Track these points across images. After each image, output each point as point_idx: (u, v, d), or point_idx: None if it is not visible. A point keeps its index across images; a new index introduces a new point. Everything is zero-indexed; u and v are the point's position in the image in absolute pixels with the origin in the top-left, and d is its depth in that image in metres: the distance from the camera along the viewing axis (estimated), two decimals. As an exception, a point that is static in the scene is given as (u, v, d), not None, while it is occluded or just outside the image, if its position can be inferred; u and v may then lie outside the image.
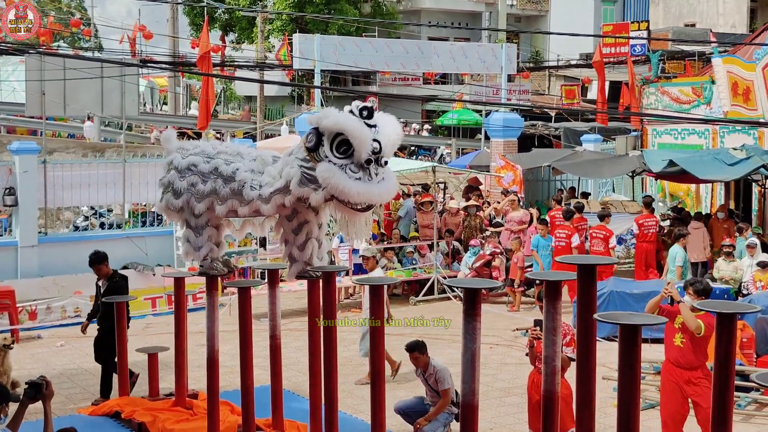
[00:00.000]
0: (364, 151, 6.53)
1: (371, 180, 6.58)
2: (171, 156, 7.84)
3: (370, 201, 6.68)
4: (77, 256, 17.82)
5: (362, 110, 6.67)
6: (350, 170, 6.55)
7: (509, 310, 16.82)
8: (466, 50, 27.07)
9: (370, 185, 6.57)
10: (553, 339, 5.71)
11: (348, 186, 6.51)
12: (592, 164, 21.01)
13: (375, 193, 6.64)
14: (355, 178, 6.54)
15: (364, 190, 6.55)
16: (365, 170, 6.57)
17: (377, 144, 6.59)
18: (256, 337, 8.90)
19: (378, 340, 7.03)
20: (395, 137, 6.81)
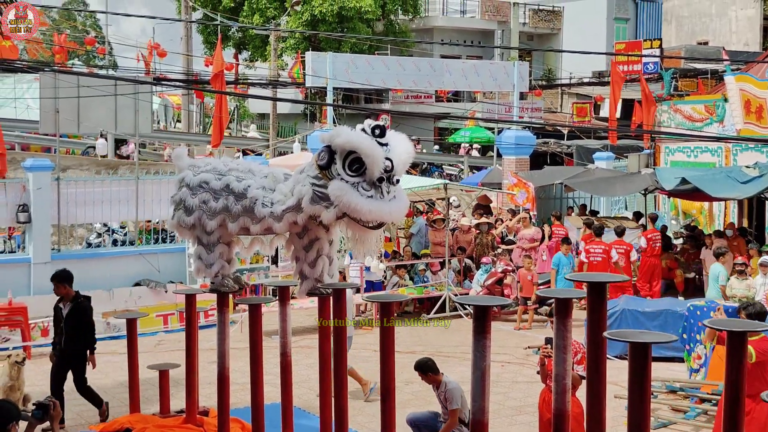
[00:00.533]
0: (377, 170, 6.56)
1: (383, 198, 6.62)
2: (182, 173, 7.87)
3: (382, 219, 6.71)
4: (90, 272, 17.92)
5: (374, 129, 6.69)
6: (362, 188, 6.58)
7: (515, 329, 16.75)
8: (479, 68, 27.13)
9: (381, 203, 6.60)
10: (563, 357, 5.67)
11: (360, 204, 6.54)
12: (604, 182, 20.98)
13: (386, 211, 6.67)
14: (367, 196, 6.58)
15: (375, 208, 6.58)
16: (377, 188, 6.61)
17: (389, 162, 6.62)
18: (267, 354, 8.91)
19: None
20: (407, 156, 6.84)
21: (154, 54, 37.08)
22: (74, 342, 10.86)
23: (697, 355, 12.64)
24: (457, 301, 9.34)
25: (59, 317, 11.01)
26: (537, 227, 19.99)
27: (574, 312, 5.80)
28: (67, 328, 10.83)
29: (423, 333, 16.63)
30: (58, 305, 11.10)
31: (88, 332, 10.99)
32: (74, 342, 10.86)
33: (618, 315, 14.01)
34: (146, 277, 18.22)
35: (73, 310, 10.91)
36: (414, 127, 38.69)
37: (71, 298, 10.95)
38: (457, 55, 43.14)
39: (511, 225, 20.80)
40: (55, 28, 48.60)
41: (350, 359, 11.52)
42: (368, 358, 13.92)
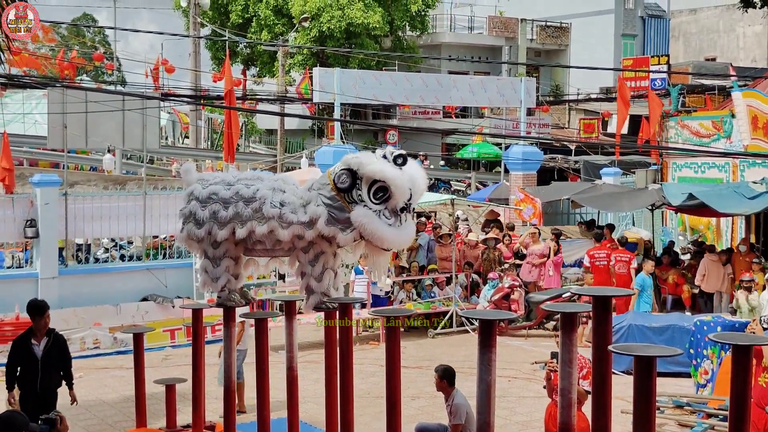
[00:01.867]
0: (402, 201, 6.88)
1: (400, 226, 6.93)
2: (191, 187, 7.91)
3: (400, 246, 7.16)
4: (97, 288, 17.96)
5: (396, 158, 6.96)
6: (384, 216, 6.87)
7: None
8: (486, 84, 27.19)
9: (399, 231, 7.02)
10: (569, 371, 5.68)
11: (384, 232, 6.92)
12: (611, 197, 20.97)
13: (404, 239, 7.22)
14: (388, 224, 6.87)
15: (396, 237, 6.98)
16: (397, 216, 6.89)
17: (409, 193, 6.90)
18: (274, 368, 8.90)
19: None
20: (423, 187, 7.18)
21: (162, 70, 37.23)
22: (54, 382, 9.69)
23: (704, 370, 12.61)
24: (463, 315, 9.37)
25: (31, 356, 9.54)
26: (546, 242, 20.01)
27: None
28: (46, 367, 9.57)
29: (430, 348, 16.61)
30: (27, 342, 9.57)
31: (70, 367, 9.91)
32: (54, 382, 9.69)
33: (625, 330, 14.00)
34: (153, 292, 18.24)
35: (54, 344, 9.67)
36: (421, 142, 38.82)
37: (46, 332, 9.67)
38: (465, 71, 43.24)
39: (521, 241, 20.81)
40: (64, 44, 48.85)
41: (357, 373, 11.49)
42: (375, 372, 13.93)
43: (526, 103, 27.18)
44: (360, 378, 13.74)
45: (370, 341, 17.17)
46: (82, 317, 16.63)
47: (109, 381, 14.67)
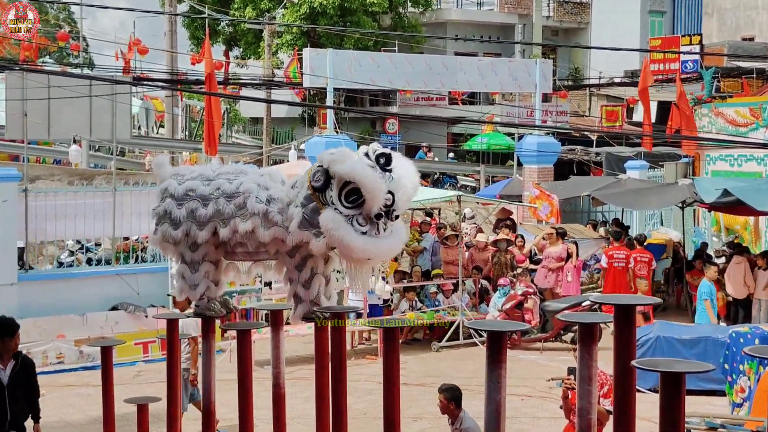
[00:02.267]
0: (376, 206, 6.62)
1: (378, 234, 6.67)
2: (165, 183, 7.87)
3: (375, 257, 6.78)
4: (61, 295, 17.95)
5: (379, 157, 6.75)
6: (357, 222, 6.65)
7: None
8: (497, 66, 27.20)
9: (375, 241, 6.65)
10: (588, 389, 5.67)
11: (352, 241, 6.59)
12: (636, 194, 21.01)
13: (382, 250, 6.75)
14: (361, 231, 6.62)
15: (369, 246, 6.63)
16: (373, 224, 6.66)
17: (390, 196, 6.66)
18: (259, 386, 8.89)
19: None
20: (411, 191, 6.90)
21: (135, 51, 37.21)
22: (23, 413, 9.27)
23: (740, 388, 12.61)
24: (470, 326, 9.38)
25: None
26: (565, 244, 20.06)
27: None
28: (14, 395, 9.13)
29: (433, 363, 16.63)
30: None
31: (37, 396, 9.54)
32: (23, 413, 9.27)
33: (652, 343, 14.03)
34: (124, 301, 18.24)
35: (21, 369, 9.27)
36: (425, 132, 38.83)
37: (13, 354, 9.24)
38: (473, 52, 43.25)
39: (536, 242, 20.85)
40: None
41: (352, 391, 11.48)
42: (372, 390, 13.93)
43: (542, 88, 27.17)
44: (355, 396, 13.76)
45: (366, 355, 17.19)
46: (44, 328, 16.63)
47: (74, 400, 14.67)
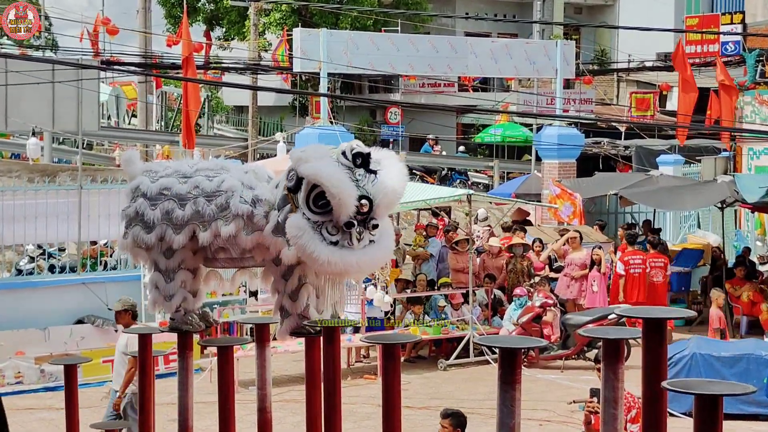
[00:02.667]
0: (344, 213, 6.49)
1: (351, 246, 6.54)
2: (136, 181, 7.85)
3: (345, 272, 6.63)
4: (20, 307, 17.95)
5: (356, 157, 6.65)
6: (326, 230, 6.53)
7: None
8: (512, 49, 27.20)
9: (347, 253, 6.50)
10: (613, 413, 5.67)
11: (317, 251, 6.46)
12: (670, 193, 21.02)
13: (352, 263, 6.55)
14: (331, 241, 6.51)
15: (337, 259, 6.48)
16: (345, 233, 6.54)
17: (367, 202, 6.56)
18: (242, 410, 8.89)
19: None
20: (394, 197, 6.74)
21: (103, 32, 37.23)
22: None
23: (786, 412, 12.63)
24: (481, 343, 9.32)
25: None
26: (588, 250, 20.08)
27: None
28: None
29: (440, 383, 16.62)
30: None
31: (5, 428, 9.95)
32: None
33: (687, 361, 14.04)
34: (91, 313, 18.25)
35: None
36: (431, 122, 38.81)
37: None
38: (486, 32, 43.28)
39: (556, 248, 20.86)
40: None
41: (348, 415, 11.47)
42: (371, 414, 13.95)
43: (563, 73, 27.17)
44: (352, 421, 13.78)
45: (365, 374, 17.19)
46: (1, 344, 16.64)
47: (34, 425, 14.67)
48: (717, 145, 29.89)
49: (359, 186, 6.62)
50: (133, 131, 41.75)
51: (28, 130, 25.26)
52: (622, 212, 25.48)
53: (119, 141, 38.01)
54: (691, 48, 33.71)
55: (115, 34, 37.59)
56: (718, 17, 37.91)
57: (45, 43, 42.62)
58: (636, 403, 8.59)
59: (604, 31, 47.36)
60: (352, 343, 17.36)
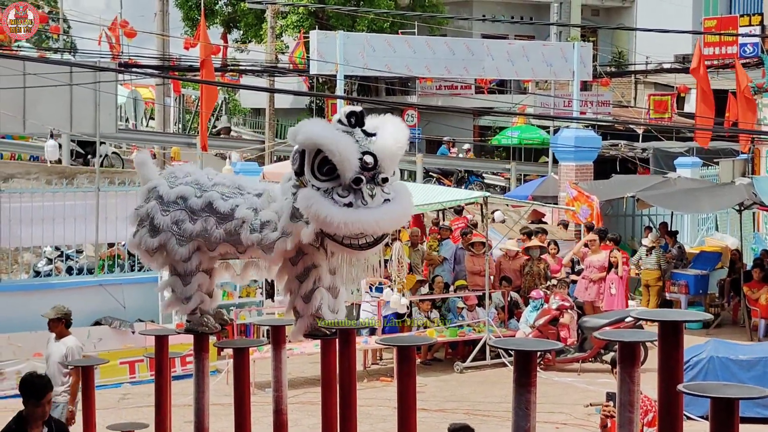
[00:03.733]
0: (349, 168, 6.45)
1: (366, 204, 6.49)
2: (155, 182, 7.88)
3: (364, 230, 6.54)
4: (38, 308, 17.99)
5: (349, 116, 6.63)
6: (337, 194, 6.48)
7: None
8: (529, 51, 27.18)
9: (362, 211, 6.43)
10: (629, 416, 5.67)
11: (331, 215, 6.41)
12: (688, 195, 20.96)
13: (369, 221, 6.47)
14: (344, 203, 6.46)
15: (352, 218, 6.41)
16: (356, 192, 6.49)
17: (371, 157, 6.52)
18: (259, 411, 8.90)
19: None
20: (395, 147, 6.69)
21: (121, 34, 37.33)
22: None
23: (805, 416, 12.58)
24: (496, 345, 9.29)
25: None
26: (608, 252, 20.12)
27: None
28: None
29: (456, 386, 16.61)
30: None
31: None
32: None
33: (705, 364, 14.01)
34: (108, 315, 18.29)
35: None
36: (448, 125, 38.80)
37: (44, 422, 9.23)
38: (503, 34, 43.20)
39: (576, 250, 20.86)
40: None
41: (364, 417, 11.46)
42: (387, 417, 13.94)
43: (581, 75, 27.14)
44: (368, 423, 13.78)
45: (381, 377, 17.19)
46: (19, 346, 16.68)
47: (52, 426, 14.71)
48: (735, 148, 29.79)
49: (360, 144, 6.61)
50: (151, 133, 41.83)
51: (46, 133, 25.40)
52: (639, 215, 25.41)
53: (137, 143, 38.07)
54: (709, 50, 33.60)
55: (133, 37, 37.71)
56: (736, 19, 37.77)
57: (63, 46, 42.74)
58: (653, 407, 8.57)
59: (621, 33, 47.25)
60: (368, 345, 17.36)
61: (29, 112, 18.63)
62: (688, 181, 23.20)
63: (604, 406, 8.72)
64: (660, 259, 21.42)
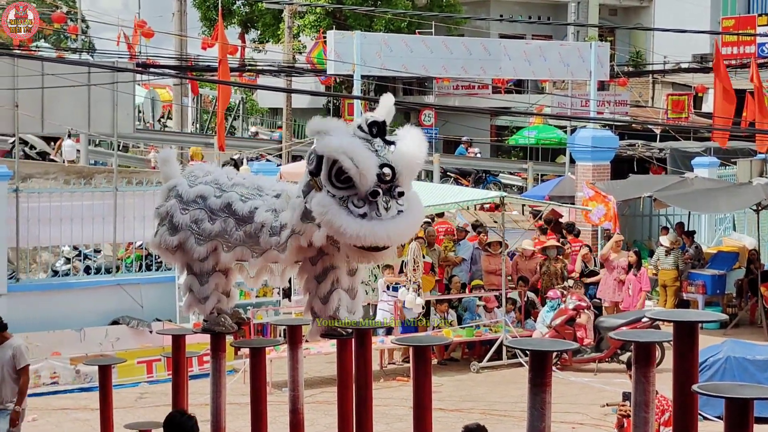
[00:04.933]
0: (365, 183, 6.46)
1: (380, 216, 6.50)
2: (174, 180, 7.92)
3: (376, 243, 6.56)
4: (56, 308, 18.08)
5: (371, 126, 6.63)
6: (353, 204, 6.49)
7: None
8: (546, 51, 27.14)
9: (376, 224, 6.45)
10: (645, 416, 5.67)
11: (344, 225, 6.43)
12: (705, 195, 20.91)
13: (381, 234, 6.49)
14: (359, 213, 6.47)
15: (366, 231, 6.43)
16: (372, 203, 6.50)
17: (389, 170, 6.53)
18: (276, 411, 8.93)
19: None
20: (414, 162, 6.70)
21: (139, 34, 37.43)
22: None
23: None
24: (511, 346, 9.24)
25: None
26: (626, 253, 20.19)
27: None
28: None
29: (472, 386, 16.61)
30: None
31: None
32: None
33: (722, 364, 13.99)
34: (126, 314, 18.36)
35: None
36: (465, 125, 38.77)
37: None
38: (520, 34, 43.14)
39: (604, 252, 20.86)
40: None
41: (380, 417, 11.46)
42: (403, 416, 13.95)
43: (598, 75, 27.09)
44: (384, 423, 13.78)
45: (397, 377, 17.20)
46: (37, 345, 16.73)
47: (69, 425, 14.77)
48: (753, 148, 29.68)
49: (379, 155, 6.61)
50: (169, 133, 41.91)
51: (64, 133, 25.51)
52: (657, 215, 25.36)
53: (154, 143, 38.17)
54: (727, 50, 33.51)
55: (151, 37, 37.79)
56: (754, 18, 37.66)
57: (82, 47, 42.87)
58: (669, 406, 8.55)
59: (639, 33, 47.13)
60: (385, 345, 17.37)
61: (47, 112, 18.70)
62: (705, 181, 23.13)
63: (620, 405, 8.72)
64: (678, 259, 21.40)
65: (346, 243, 6.64)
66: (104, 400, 10.37)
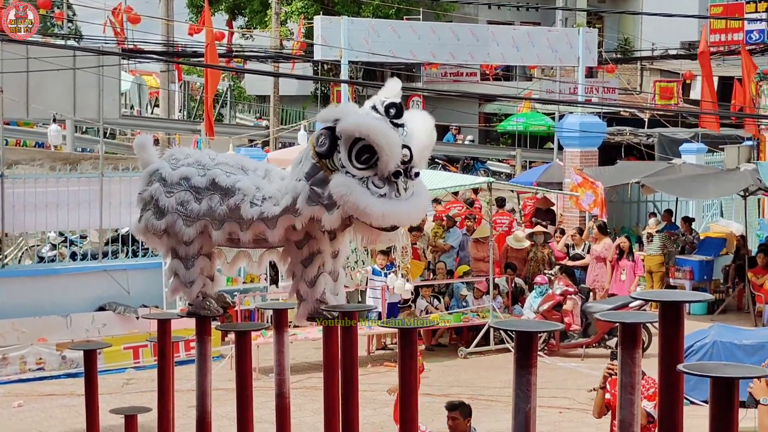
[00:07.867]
0: (392, 163, 6.48)
1: (399, 196, 6.55)
2: (155, 165, 7.87)
3: (399, 222, 6.64)
4: (42, 294, 18.04)
5: (389, 108, 6.64)
6: (373, 184, 6.50)
7: None
8: (534, 37, 27.10)
9: (397, 203, 6.52)
10: (630, 398, 5.64)
11: (371, 205, 6.46)
12: (692, 181, 20.96)
13: (404, 213, 6.59)
14: (379, 194, 6.50)
15: (390, 211, 6.49)
16: (392, 184, 6.54)
17: (407, 151, 6.56)
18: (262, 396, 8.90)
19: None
20: (428, 142, 6.76)
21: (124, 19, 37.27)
22: None
23: (808, 401, 12.55)
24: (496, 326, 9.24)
25: None
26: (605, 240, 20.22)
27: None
28: None
29: (459, 371, 16.64)
30: None
31: None
32: None
33: (708, 349, 14.03)
34: (112, 300, 18.33)
35: None
36: (453, 111, 38.77)
37: None
38: (508, 20, 43.13)
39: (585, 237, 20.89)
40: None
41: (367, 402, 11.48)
42: (389, 402, 13.94)
43: (586, 62, 27.05)
44: (371, 408, 13.80)
45: (385, 362, 17.21)
46: (23, 331, 16.73)
47: (55, 411, 14.75)
48: (740, 134, 29.73)
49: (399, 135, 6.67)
50: (155, 120, 41.83)
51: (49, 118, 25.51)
52: (644, 201, 25.40)
53: (141, 129, 38.09)
54: (715, 36, 33.47)
55: (137, 23, 37.62)
56: (742, 5, 37.61)
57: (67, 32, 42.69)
58: (654, 384, 8.60)
59: (627, 20, 47.15)
60: (372, 330, 17.37)
61: (33, 98, 18.65)
62: (692, 167, 23.19)
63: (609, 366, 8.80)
64: (665, 244, 21.41)
65: (363, 223, 6.67)
66: (90, 385, 10.31)
